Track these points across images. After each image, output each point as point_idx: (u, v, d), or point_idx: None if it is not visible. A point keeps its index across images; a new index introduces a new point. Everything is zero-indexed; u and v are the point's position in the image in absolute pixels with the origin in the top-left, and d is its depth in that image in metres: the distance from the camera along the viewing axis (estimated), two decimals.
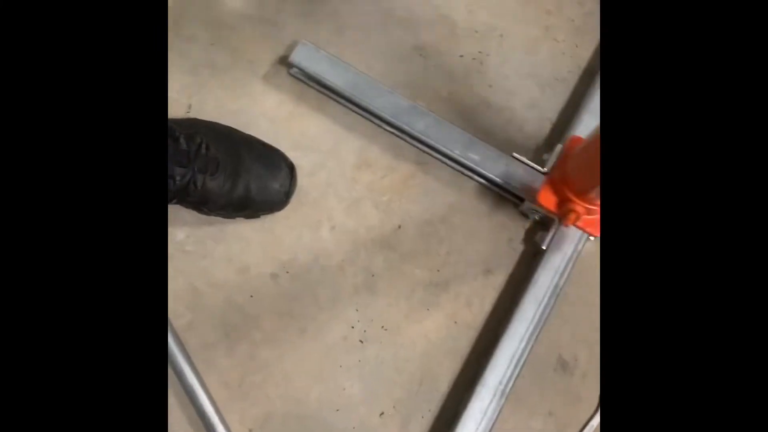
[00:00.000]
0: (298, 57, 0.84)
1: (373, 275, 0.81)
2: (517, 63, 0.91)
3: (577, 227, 0.79)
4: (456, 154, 0.82)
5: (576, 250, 0.80)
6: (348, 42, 0.89)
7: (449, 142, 0.83)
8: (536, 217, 0.83)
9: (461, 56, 0.91)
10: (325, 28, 0.90)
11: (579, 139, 0.80)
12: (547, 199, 0.79)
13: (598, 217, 0.77)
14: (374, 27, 0.90)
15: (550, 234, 0.80)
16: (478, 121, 0.88)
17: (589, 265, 0.83)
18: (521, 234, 0.84)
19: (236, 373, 0.77)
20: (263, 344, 0.78)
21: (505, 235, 0.84)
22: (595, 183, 0.71)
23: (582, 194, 0.75)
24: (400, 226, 0.83)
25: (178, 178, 0.70)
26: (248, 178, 0.76)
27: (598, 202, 0.75)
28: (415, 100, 0.88)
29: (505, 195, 0.84)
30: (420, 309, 0.81)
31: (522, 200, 0.83)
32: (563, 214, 0.77)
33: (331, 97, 0.86)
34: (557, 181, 0.79)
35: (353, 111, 0.85)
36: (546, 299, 0.78)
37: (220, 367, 0.76)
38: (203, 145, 0.73)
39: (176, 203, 0.75)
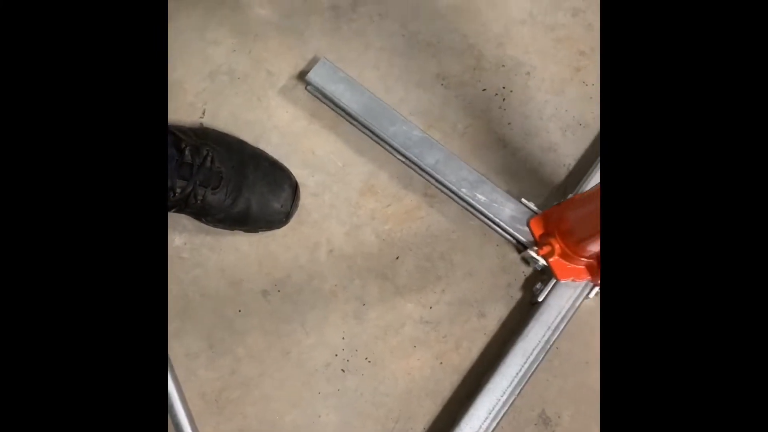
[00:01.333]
0: (315, 75, 0.83)
1: (364, 304, 0.80)
2: (540, 103, 0.88)
3: (546, 261, 0.77)
4: (463, 192, 0.81)
5: (573, 306, 0.78)
6: (370, 62, 0.88)
7: (458, 179, 0.81)
8: (538, 266, 0.81)
9: (484, 90, 0.88)
10: (349, 46, 0.88)
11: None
12: (537, 226, 0.79)
13: (569, 264, 0.77)
14: (399, 50, 0.89)
15: (548, 287, 0.78)
16: (491, 160, 0.86)
17: (585, 322, 0.81)
18: (520, 281, 0.83)
19: (215, 387, 0.77)
20: (246, 361, 0.78)
21: (504, 280, 0.82)
22: (582, 236, 0.70)
23: (566, 237, 0.74)
24: (398, 258, 0.82)
25: (178, 190, 0.70)
26: (250, 195, 0.76)
27: (578, 253, 0.73)
28: (430, 129, 0.86)
29: (509, 239, 0.82)
30: (407, 345, 0.80)
31: (525, 246, 0.81)
32: (541, 243, 0.77)
33: (345, 118, 0.85)
34: (552, 215, 0.78)
35: (366, 134, 0.84)
36: (535, 354, 0.76)
37: (200, 378, 0.77)
38: (208, 158, 0.73)
39: (176, 212, 0.75)
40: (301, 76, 0.86)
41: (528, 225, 0.80)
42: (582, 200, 0.74)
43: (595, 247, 0.70)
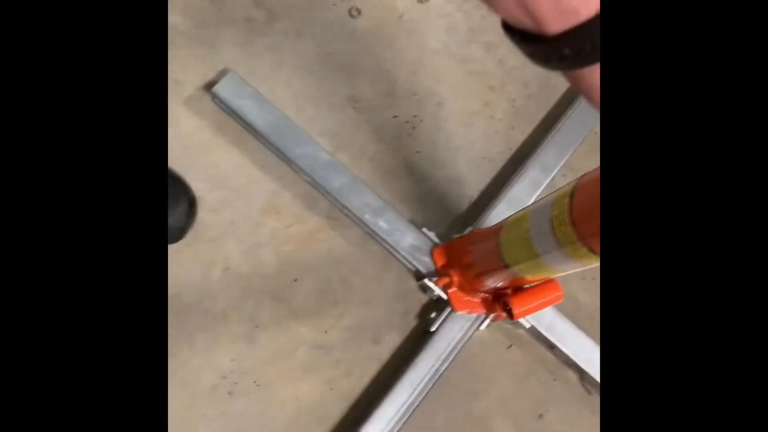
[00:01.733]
0: (223, 88, 0.81)
1: (256, 326, 0.79)
2: (449, 134, 0.90)
3: (445, 292, 0.78)
4: (366, 218, 0.81)
5: (464, 338, 0.79)
6: (282, 79, 0.87)
7: (362, 205, 0.81)
8: (434, 296, 0.82)
9: (395, 116, 0.89)
10: (262, 61, 0.87)
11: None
12: (439, 256, 0.80)
13: (466, 297, 0.78)
14: (313, 69, 0.88)
15: (442, 316, 0.79)
16: (397, 187, 0.86)
17: (475, 353, 0.82)
18: (417, 309, 0.83)
19: None
20: None
21: (401, 307, 0.83)
22: (481, 271, 0.71)
23: (466, 269, 0.75)
24: (296, 280, 0.81)
25: None
26: None
27: (475, 287, 0.75)
28: (339, 152, 0.86)
29: (408, 266, 0.83)
30: (298, 369, 0.79)
31: (424, 276, 0.81)
32: (441, 274, 0.78)
33: (252, 133, 0.83)
34: (454, 247, 0.79)
35: (273, 152, 0.83)
36: (423, 383, 0.77)
37: None
38: None
39: None
40: (209, 87, 0.83)
41: (431, 254, 0.81)
42: (483, 235, 0.75)
43: (491, 283, 0.72)
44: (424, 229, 0.82)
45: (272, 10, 0.88)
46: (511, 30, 0.30)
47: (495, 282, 0.71)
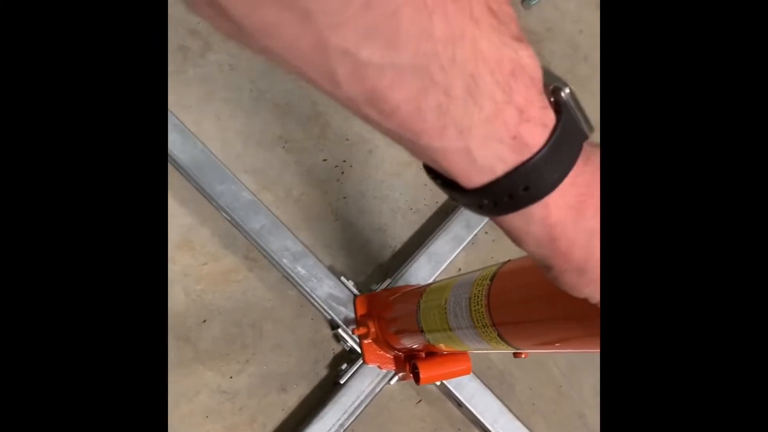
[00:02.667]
0: None
1: None
2: (377, 182, 0.90)
3: (360, 342, 0.77)
4: (284, 263, 0.79)
5: (373, 391, 0.78)
6: (211, 112, 0.85)
7: (280, 248, 0.79)
8: (347, 346, 0.81)
9: (325, 160, 0.88)
10: (192, 91, 0.85)
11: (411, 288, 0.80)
12: (361, 305, 0.79)
13: (379, 350, 0.77)
14: (244, 105, 0.86)
15: (353, 368, 0.78)
16: (320, 231, 0.85)
17: (384, 406, 0.81)
18: (329, 358, 0.82)
19: None
20: None
21: (312, 355, 0.81)
22: (399, 329, 0.71)
23: (384, 324, 0.74)
24: (205, 321, 0.78)
25: None
26: None
27: (390, 343, 0.74)
28: (263, 191, 0.84)
29: (324, 314, 0.82)
30: (199, 415, 0.75)
31: (338, 325, 0.80)
32: (360, 323, 0.77)
33: (173, 165, 0.80)
34: (378, 298, 0.78)
35: (194, 186, 0.80)
36: None
37: None
38: None
39: None
40: None
41: (353, 302, 0.80)
42: (407, 294, 0.74)
43: (407, 343, 0.71)
44: (343, 278, 0.81)
45: (208, 40, 0.87)
46: (431, 171, 0.29)
47: (410, 343, 0.70)
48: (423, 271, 0.84)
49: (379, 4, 0.20)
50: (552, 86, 0.26)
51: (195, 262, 0.79)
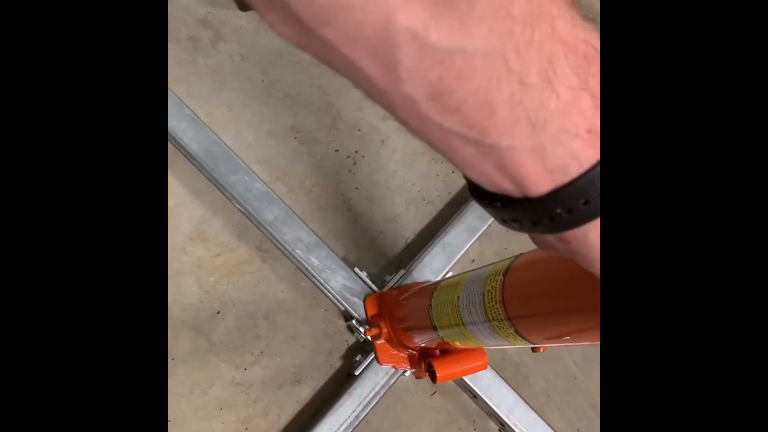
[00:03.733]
0: None
1: (173, 359, 0.75)
2: (389, 173, 0.89)
3: (373, 342, 0.76)
4: (297, 254, 0.78)
5: (388, 383, 0.78)
6: (224, 102, 0.84)
7: (294, 239, 0.79)
8: (361, 338, 0.81)
9: (337, 150, 0.88)
10: (203, 82, 0.84)
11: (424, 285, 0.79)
12: (371, 305, 0.78)
13: (393, 350, 0.76)
14: (255, 95, 0.86)
15: (367, 360, 0.77)
16: (333, 222, 0.85)
17: (399, 397, 0.81)
18: (342, 350, 0.81)
19: None
20: None
21: (326, 347, 0.81)
22: (411, 326, 0.70)
23: (396, 323, 0.73)
24: (219, 312, 0.78)
25: None
26: None
27: (403, 342, 0.73)
28: (276, 182, 0.83)
29: (338, 306, 0.81)
30: (213, 406, 0.75)
31: (352, 316, 0.80)
32: (371, 324, 0.76)
33: (185, 156, 0.80)
34: (388, 297, 0.77)
35: (206, 177, 0.80)
36: (342, 428, 0.74)
37: None
38: None
39: None
40: None
41: (363, 302, 0.79)
42: (418, 291, 0.73)
43: (420, 341, 0.70)
44: (356, 269, 0.80)
45: (219, 31, 0.86)
46: (485, 195, 0.26)
47: (424, 341, 0.69)
48: (437, 262, 0.83)
49: None
50: None
51: (208, 254, 0.79)
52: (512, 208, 0.25)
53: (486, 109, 0.21)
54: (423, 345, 0.69)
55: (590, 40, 0.22)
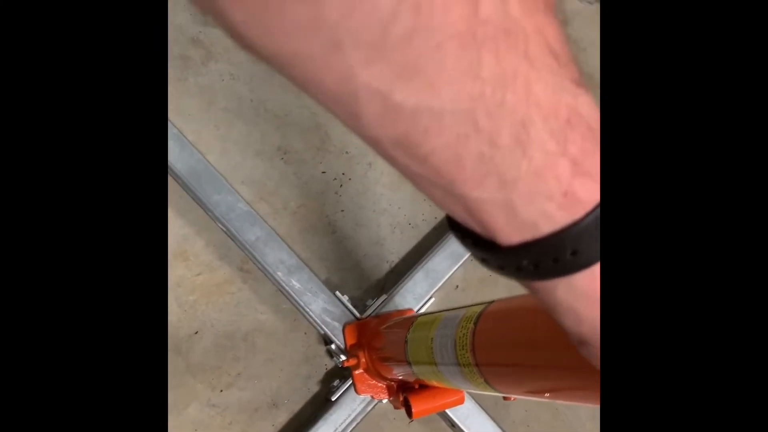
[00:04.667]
0: None
1: None
2: (376, 196, 0.89)
3: (351, 372, 0.76)
4: (279, 275, 0.78)
5: (365, 410, 0.77)
6: (211, 121, 0.84)
7: (275, 261, 0.78)
8: (339, 363, 0.80)
9: (323, 172, 0.87)
10: (192, 101, 0.84)
11: (409, 312, 0.79)
12: (351, 334, 0.77)
13: (371, 380, 0.75)
14: (244, 115, 0.86)
15: (345, 386, 0.76)
16: (317, 244, 0.84)
17: (375, 425, 0.80)
18: (321, 374, 0.81)
19: None
20: None
21: (304, 371, 0.80)
22: (388, 357, 0.69)
23: (374, 353, 0.72)
24: (197, 332, 0.77)
25: None
26: None
27: (381, 373, 0.72)
28: (260, 203, 0.83)
29: (318, 330, 0.81)
30: (188, 428, 0.74)
31: (332, 341, 0.79)
32: (350, 353, 0.75)
33: (170, 174, 0.80)
34: (367, 326, 0.76)
35: (190, 196, 0.80)
36: None
37: None
38: None
39: None
40: None
41: (343, 331, 0.78)
42: (397, 324, 0.72)
43: (396, 373, 0.69)
44: (338, 293, 0.80)
45: (210, 50, 0.86)
46: (459, 229, 0.25)
47: (399, 374, 0.68)
48: (420, 288, 0.83)
49: (422, 36, 0.17)
50: None
51: (189, 273, 0.79)
52: (481, 249, 0.24)
53: (454, 162, 0.20)
54: (400, 378, 0.68)
55: (577, 105, 0.21)
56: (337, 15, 0.17)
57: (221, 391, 0.76)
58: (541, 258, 0.23)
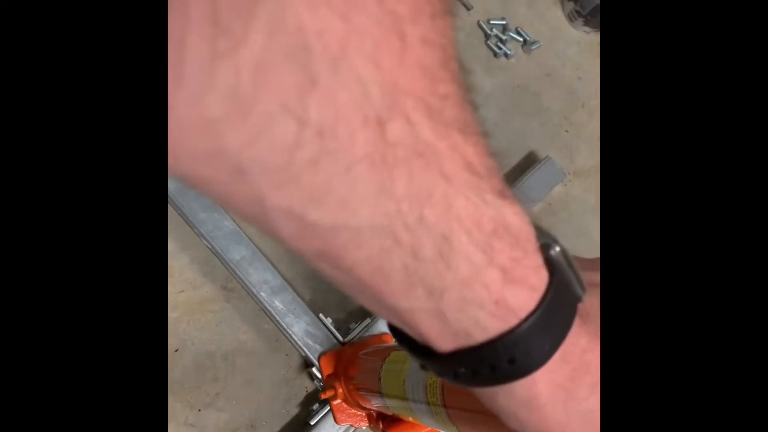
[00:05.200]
0: None
1: None
2: None
3: (329, 403, 0.75)
4: (262, 296, 0.77)
5: None
6: None
7: (260, 281, 0.78)
8: (320, 386, 0.79)
9: None
10: None
11: (385, 338, 0.78)
12: (327, 364, 0.76)
13: (350, 409, 0.74)
14: None
15: (324, 411, 0.76)
16: (302, 265, 0.84)
17: None
18: (301, 396, 0.80)
19: None
20: None
21: (284, 393, 0.79)
22: (363, 387, 0.68)
23: (350, 382, 0.71)
24: (177, 350, 0.76)
25: None
26: None
27: (359, 402, 0.71)
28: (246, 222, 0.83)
29: (299, 352, 0.80)
30: None
31: (313, 364, 0.78)
32: (326, 385, 0.74)
33: None
34: (343, 354, 0.76)
35: (176, 212, 0.79)
36: None
37: None
38: None
39: None
40: None
41: (318, 361, 0.77)
42: (375, 352, 0.71)
43: (374, 405, 0.68)
44: (321, 315, 0.79)
45: None
46: (397, 334, 0.25)
47: (376, 405, 0.67)
48: None
49: (328, 161, 0.17)
50: (541, 243, 0.23)
51: (172, 289, 0.78)
52: (419, 356, 0.24)
53: (379, 274, 0.20)
54: (377, 408, 0.68)
55: (502, 216, 0.21)
56: (238, 144, 0.16)
57: (199, 410, 0.75)
58: (478, 366, 0.23)
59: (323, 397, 0.73)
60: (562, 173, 0.98)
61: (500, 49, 1.01)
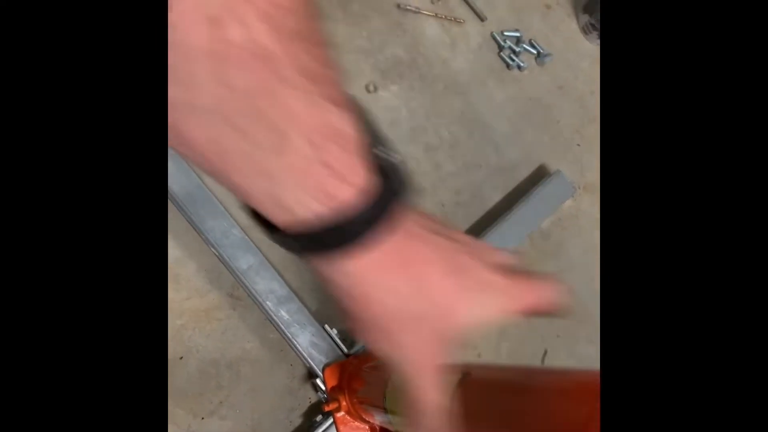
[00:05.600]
0: None
1: None
2: None
3: (333, 415, 0.74)
4: (268, 305, 0.77)
5: None
6: None
7: (266, 290, 0.78)
8: (324, 397, 0.79)
9: None
10: None
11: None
12: (331, 376, 0.75)
13: (354, 422, 0.73)
14: None
15: (326, 424, 0.75)
16: (309, 274, 0.84)
17: None
18: (304, 407, 0.80)
19: None
20: None
21: (288, 403, 0.79)
22: (366, 401, 0.68)
23: (354, 395, 0.71)
24: (182, 358, 0.76)
25: None
26: None
27: (362, 415, 0.71)
28: (255, 229, 0.82)
29: (303, 362, 0.80)
30: None
31: (317, 375, 0.78)
32: (330, 396, 0.74)
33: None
34: (347, 367, 0.75)
35: (185, 219, 0.79)
36: None
37: None
38: None
39: None
40: None
41: (322, 373, 0.77)
42: (379, 366, 0.71)
43: (378, 418, 0.68)
44: (326, 326, 0.79)
45: None
46: (251, 212, 0.30)
47: (377, 420, 0.67)
48: None
49: (175, 50, 0.21)
50: (375, 152, 0.28)
51: (178, 296, 0.78)
52: (267, 231, 0.30)
53: (221, 156, 0.25)
54: (379, 423, 0.67)
55: (331, 121, 0.25)
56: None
57: (202, 418, 0.75)
58: (306, 241, 0.28)
59: (327, 409, 0.73)
60: (572, 188, 0.97)
61: (513, 60, 1.00)
